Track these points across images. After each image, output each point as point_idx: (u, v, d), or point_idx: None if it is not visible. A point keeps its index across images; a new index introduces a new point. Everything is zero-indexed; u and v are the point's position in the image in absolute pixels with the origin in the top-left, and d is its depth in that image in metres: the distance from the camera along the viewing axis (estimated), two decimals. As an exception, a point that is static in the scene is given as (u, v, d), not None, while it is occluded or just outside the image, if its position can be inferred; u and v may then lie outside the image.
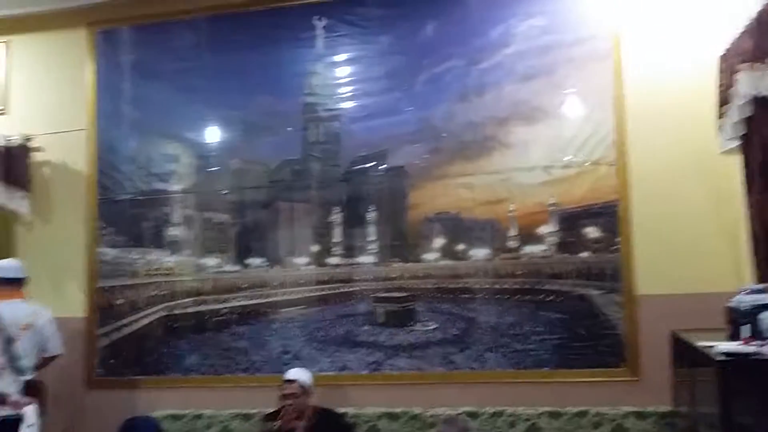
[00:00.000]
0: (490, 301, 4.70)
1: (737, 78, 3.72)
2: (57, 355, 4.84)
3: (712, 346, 2.86)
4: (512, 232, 4.70)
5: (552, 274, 4.63)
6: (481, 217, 4.78)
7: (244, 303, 5.13)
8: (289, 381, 4.38)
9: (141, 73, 5.48)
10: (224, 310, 5.15)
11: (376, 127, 5.03)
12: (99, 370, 5.28)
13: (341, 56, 5.14)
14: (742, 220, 3.95)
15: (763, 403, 2.68)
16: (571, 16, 4.70)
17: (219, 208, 5.29)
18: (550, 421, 4.29)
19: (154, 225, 5.36)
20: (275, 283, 5.10)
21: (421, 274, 4.86)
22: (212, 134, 5.36)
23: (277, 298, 5.08)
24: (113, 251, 5.37)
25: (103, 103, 5.49)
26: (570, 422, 4.27)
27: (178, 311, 5.21)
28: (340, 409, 4.56)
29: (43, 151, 5.51)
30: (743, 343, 2.83)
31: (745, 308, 3.14)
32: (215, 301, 5.17)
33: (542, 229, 4.65)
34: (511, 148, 4.75)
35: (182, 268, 5.26)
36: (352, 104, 5.10)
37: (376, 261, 4.96)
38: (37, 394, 4.28)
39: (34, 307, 4.78)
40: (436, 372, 4.71)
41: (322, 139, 5.16)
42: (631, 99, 4.52)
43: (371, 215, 4.98)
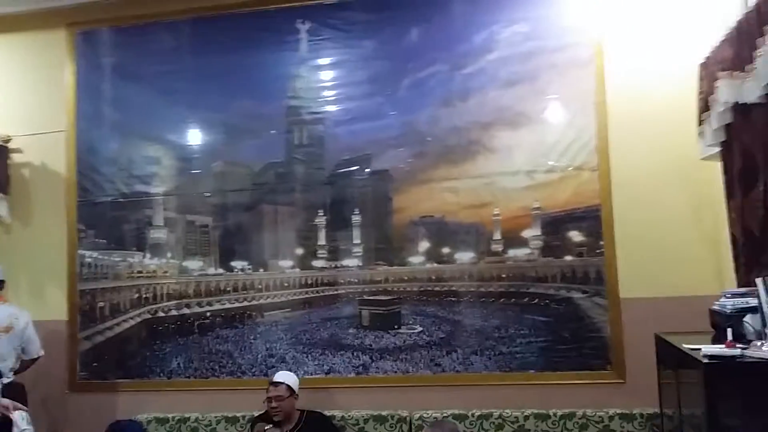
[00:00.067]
0: (476, 304, 4.75)
1: (717, 86, 3.76)
2: (38, 358, 4.81)
3: (698, 349, 2.89)
4: (497, 236, 4.75)
5: (537, 278, 4.68)
6: (465, 221, 4.82)
7: (228, 306, 5.13)
8: (276, 384, 4.40)
9: (121, 75, 5.43)
10: (208, 314, 5.14)
11: (360, 131, 5.04)
12: (82, 373, 5.24)
13: (325, 60, 5.14)
14: (723, 225, 4.01)
15: (747, 405, 2.71)
16: (553, 23, 4.76)
17: (202, 211, 5.27)
18: (537, 423, 4.34)
19: (136, 227, 5.33)
20: (259, 286, 5.10)
21: (406, 278, 4.89)
22: (194, 137, 5.34)
23: (261, 302, 5.09)
24: (94, 254, 5.33)
25: (82, 105, 5.44)
26: (557, 424, 4.32)
27: (162, 314, 5.18)
28: (327, 412, 4.57)
29: (22, 153, 5.45)
30: (727, 346, 2.86)
31: (729, 311, 3.20)
32: (199, 304, 5.16)
33: (526, 233, 4.70)
34: (495, 152, 4.79)
35: (165, 271, 5.23)
36: (336, 108, 5.10)
37: (361, 264, 4.98)
38: (17, 398, 4.23)
39: (13, 310, 4.75)
40: (422, 375, 4.75)
41: (306, 142, 5.16)
42: (613, 105, 4.58)
43: (356, 218, 5.00)
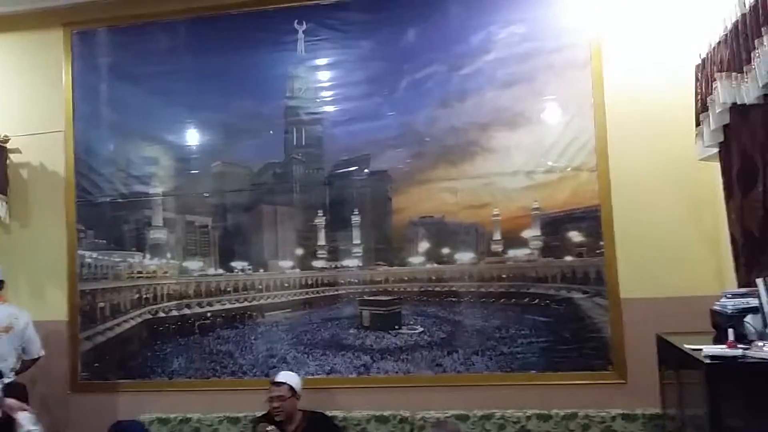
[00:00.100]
0: (476, 305, 4.78)
1: (715, 87, 3.77)
2: (38, 358, 4.83)
3: (699, 349, 2.91)
4: (496, 236, 4.77)
5: (537, 278, 4.71)
6: (465, 221, 4.85)
7: (228, 306, 5.14)
8: (278, 384, 4.41)
9: (119, 75, 5.43)
10: (209, 314, 5.15)
11: (358, 132, 5.05)
12: (83, 373, 5.25)
13: (322, 60, 5.15)
14: (723, 225, 4.04)
15: (749, 405, 2.74)
16: (550, 23, 4.77)
17: (201, 211, 5.28)
18: (539, 424, 4.37)
19: (135, 228, 5.34)
20: (260, 287, 5.11)
21: (406, 278, 4.91)
22: (193, 137, 5.34)
23: (262, 302, 5.10)
24: (94, 254, 5.34)
25: (80, 105, 5.44)
26: (559, 424, 4.35)
27: (162, 315, 5.19)
28: (329, 413, 4.59)
29: (21, 153, 5.45)
30: (728, 347, 2.88)
31: (730, 312, 3.23)
32: (199, 305, 5.17)
33: (526, 233, 4.73)
34: (494, 153, 4.81)
35: (165, 272, 5.24)
36: (334, 108, 5.11)
37: (361, 264, 5.00)
38: (19, 398, 4.24)
39: (12, 310, 4.77)
40: (423, 375, 4.77)
41: (304, 143, 5.16)
42: (611, 106, 4.60)
43: (355, 219, 5.01)
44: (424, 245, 4.92)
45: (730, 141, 3.84)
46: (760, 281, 3.14)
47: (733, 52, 3.62)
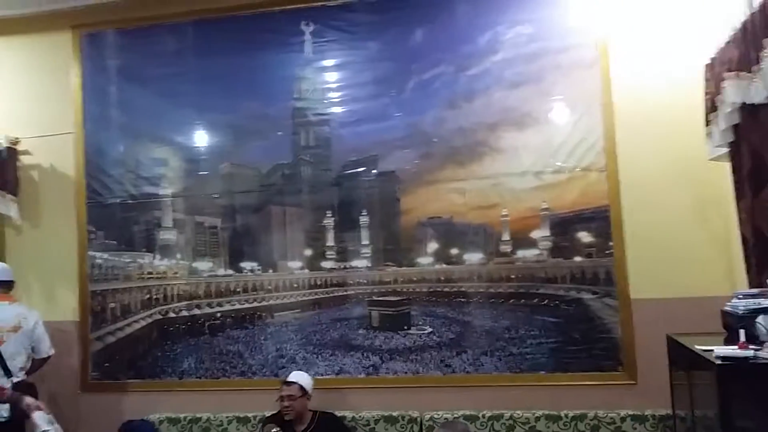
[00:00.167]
0: (485, 305, 4.78)
1: (724, 86, 3.76)
2: (48, 357, 4.86)
3: (711, 350, 2.90)
4: (505, 237, 4.77)
5: (546, 278, 4.70)
6: (474, 222, 4.84)
7: (238, 307, 5.15)
8: (289, 383, 4.42)
9: (127, 77, 5.45)
10: (218, 314, 5.17)
11: (366, 132, 5.05)
12: (94, 373, 5.28)
13: (330, 61, 5.15)
14: (733, 225, 4.03)
15: (760, 407, 2.72)
16: (557, 23, 4.76)
17: (210, 212, 5.29)
18: (549, 425, 4.36)
19: (145, 229, 5.36)
20: (269, 287, 5.12)
21: (415, 278, 4.92)
22: (201, 138, 5.35)
23: (271, 302, 5.11)
24: (104, 255, 5.36)
25: (89, 107, 5.46)
26: (568, 425, 4.34)
27: (172, 315, 5.22)
28: (338, 413, 4.60)
29: (31, 155, 5.48)
30: (740, 348, 2.86)
31: (741, 312, 3.21)
32: (209, 305, 5.19)
33: (535, 234, 4.72)
34: (502, 153, 4.80)
35: (175, 272, 5.26)
36: (342, 109, 5.12)
37: (369, 265, 5.00)
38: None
39: (21, 310, 4.81)
40: (432, 375, 4.77)
41: (312, 144, 5.17)
42: (619, 106, 4.59)
43: (364, 219, 5.02)
44: (433, 246, 4.92)
45: (740, 141, 3.83)
46: (771, 282, 3.14)
47: (742, 52, 3.62)
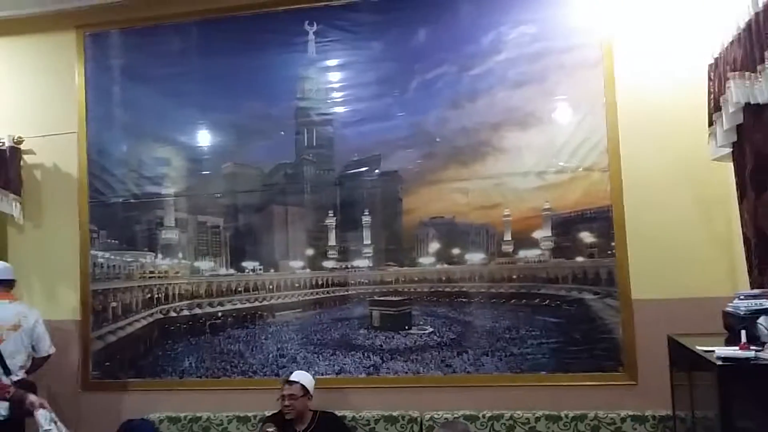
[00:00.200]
0: (486, 305, 4.76)
1: (728, 86, 3.74)
2: (49, 356, 4.87)
3: (712, 351, 2.89)
4: (507, 237, 4.75)
5: (548, 279, 4.69)
6: (476, 222, 4.83)
7: (239, 306, 5.15)
8: (290, 382, 4.42)
9: (131, 77, 5.45)
10: (220, 314, 5.17)
11: (369, 132, 5.04)
12: (94, 372, 5.28)
13: (333, 61, 5.15)
14: (736, 226, 4.01)
15: (761, 408, 2.71)
16: (561, 23, 4.75)
17: (213, 212, 5.30)
18: (549, 425, 4.35)
19: (147, 228, 5.37)
20: (270, 287, 5.12)
21: (416, 278, 4.91)
22: (204, 138, 5.35)
23: (272, 302, 5.11)
24: (106, 254, 5.36)
25: (93, 106, 5.47)
26: (568, 426, 4.33)
27: (173, 314, 5.22)
28: (339, 413, 4.59)
29: (35, 154, 5.49)
30: (741, 348, 2.85)
31: (742, 313, 3.20)
32: (210, 305, 5.19)
33: (537, 234, 4.71)
34: (505, 153, 4.79)
35: (177, 272, 5.27)
36: (345, 109, 5.11)
37: (371, 265, 5.00)
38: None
39: (21, 308, 4.83)
40: (433, 375, 4.76)
41: (315, 144, 5.16)
42: (622, 106, 4.58)
43: (366, 219, 5.01)
44: (435, 246, 4.91)
45: (743, 141, 3.81)
46: (773, 282, 3.12)
47: (746, 52, 3.59)
